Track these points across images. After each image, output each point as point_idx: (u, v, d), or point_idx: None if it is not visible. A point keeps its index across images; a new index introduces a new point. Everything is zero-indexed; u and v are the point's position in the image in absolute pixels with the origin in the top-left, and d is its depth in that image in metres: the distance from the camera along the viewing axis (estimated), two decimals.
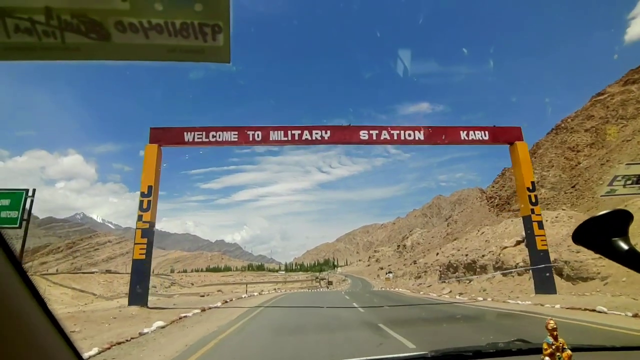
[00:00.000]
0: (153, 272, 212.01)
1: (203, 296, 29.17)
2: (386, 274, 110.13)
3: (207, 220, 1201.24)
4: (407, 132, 17.51)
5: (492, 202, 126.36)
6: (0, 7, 0.87)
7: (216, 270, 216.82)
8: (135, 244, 16.35)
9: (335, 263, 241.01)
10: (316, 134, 16.96)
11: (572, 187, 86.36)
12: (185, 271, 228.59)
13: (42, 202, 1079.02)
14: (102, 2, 0.91)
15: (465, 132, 17.64)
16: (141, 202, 16.84)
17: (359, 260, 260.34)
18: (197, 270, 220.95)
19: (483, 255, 28.35)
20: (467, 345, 1.88)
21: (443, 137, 17.74)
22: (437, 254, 51.38)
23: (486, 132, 17.80)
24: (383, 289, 47.81)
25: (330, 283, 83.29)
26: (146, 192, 17.22)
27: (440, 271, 35.41)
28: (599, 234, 0.75)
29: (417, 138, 17.48)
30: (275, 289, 53.64)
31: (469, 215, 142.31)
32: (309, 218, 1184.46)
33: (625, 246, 0.71)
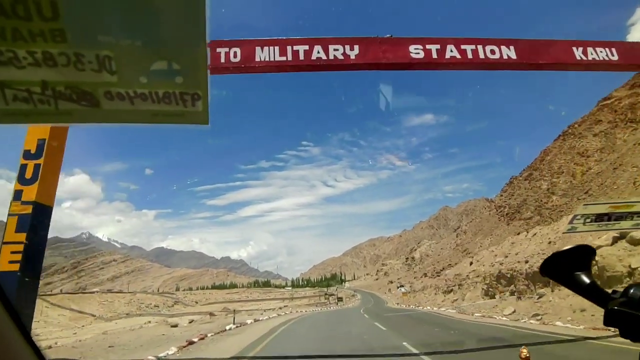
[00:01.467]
0: (157, 290, 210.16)
1: (175, 326, 22.13)
2: (397, 287, 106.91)
3: (212, 237, 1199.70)
4: (488, 48, 10.20)
5: (501, 211, 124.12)
6: (2, 80, 0.98)
7: (221, 287, 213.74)
8: (3, 243, 7.57)
9: (343, 277, 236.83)
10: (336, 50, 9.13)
11: (585, 192, 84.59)
12: (190, 289, 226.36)
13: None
14: (93, 76, 0.97)
15: (580, 48, 9.04)
16: (22, 168, 8.21)
17: (367, 274, 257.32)
18: (202, 288, 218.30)
19: None
20: None
21: (546, 56, 10.44)
22: (471, 263, 44.63)
23: (613, 50, 9.39)
24: (404, 306, 43.84)
25: (340, 299, 79.55)
26: (33, 152, 8.23)
27: (487, 284, 27.43)
28: (564, 267, 0.78)
29: (505, 57, 10.16)
30: (280, 310, 48.46)
31: (478, 225, 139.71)
32: (314, 232, 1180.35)
33: (587, 280, 0.76)
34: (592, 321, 12.32)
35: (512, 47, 10.35)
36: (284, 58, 9.10)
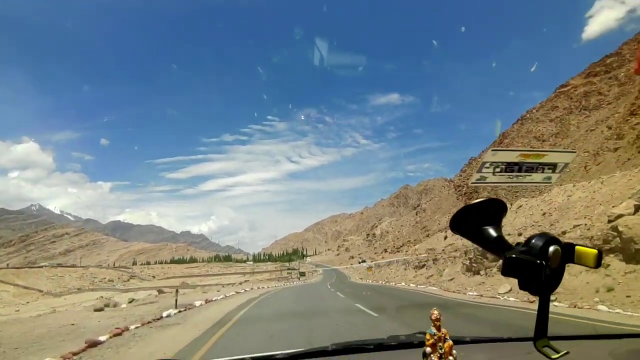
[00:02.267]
0: (113, 265, 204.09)
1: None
2: (359, 262, 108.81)
3: (172, 211, 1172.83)
4: None
5: (460, 190, 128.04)
6: None
7: (181, 262, 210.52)
8: None
9: (305, 253, 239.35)
10: None
11: None
12: (148, 263, 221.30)
13: None
14: None
15: None
16: None
17: (328, 250, 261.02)
18: (160, 263, 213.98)
19: (564, 232, 18.24)
20: (368, 339, 1.89)
21: None
22: (446, 237, 42.11)
23: None
24: (370, 282, 42.55)
25: (302, 274, 78.84)
26: None
27: (469, 259, 24.75)
28: (473, 222, 0.76)
29: None
30: (240, 286, 44.64)
31: (437, 204, 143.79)
32: (277, 208, 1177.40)
33: (494, 233, 0.75)
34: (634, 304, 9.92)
35: None
36: None
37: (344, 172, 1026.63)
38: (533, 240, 0.65)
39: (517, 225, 27.73)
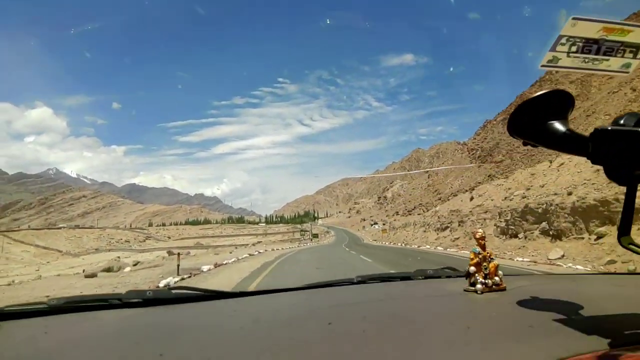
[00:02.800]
0: (129, 226, 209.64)
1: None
2: (371, 224, 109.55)
3: (186, 174, 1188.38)
4: None
5: (473, 154, 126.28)
6: None
7: (195, 223, 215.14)
8: None
9: (316, 215, 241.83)
10: None
11: None
12: (163, 225, 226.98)
13: (10, 158, 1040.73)
14: None
15: None
16: None
17: (339, 212, 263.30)
18: (175, 224, 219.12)
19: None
20: (393, 272, 1.85)
21: None
22: (472, 198, 37.95)
23: None
24: (386, 243, 40.92)
25: (315, 236, 78.44)
26: None
27: (505, 221, 21.98)
28: (535, 118, 0.68)
29: None
30: (253, 247, 44.12)
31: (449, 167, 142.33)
32: (289, 171, 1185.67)
33: (562, 128, 0.66)
34: None
35: None
36: None
37: (356, 135, 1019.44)
38: (622, 120, 0.57)
39: (563, 184, 24.95)
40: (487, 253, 1.26)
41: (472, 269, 1.25)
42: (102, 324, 1.12)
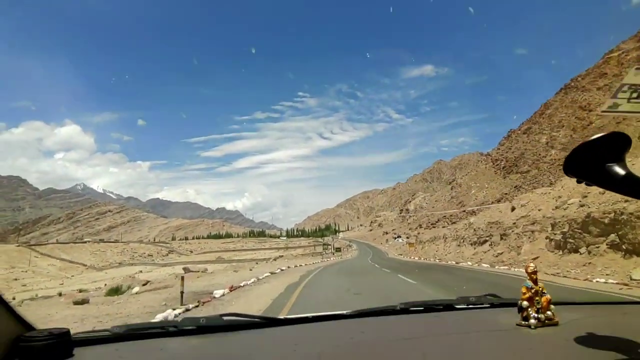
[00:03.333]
0: (153, 240, 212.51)
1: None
2: (394, 238, 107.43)
3: (208, 189, 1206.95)
4: None
5: (498, 164, 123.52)
6: None
7: (217, 237, 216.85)
8: None
9: (337, 228, 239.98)
10: None
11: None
12: (186, 239, 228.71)
13: (41, 174, 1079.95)
14: None
15: None
16: None
17: (360, 225, 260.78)
18: (198, 238, 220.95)
19: None
20: (436, 299, 1.84)
21: None
22: (514, 208, 33.68)
23: None
24: (415, 258, 38.53)
25: (338, 250, 76.74)
26: None
27: (562, 233, 19.10)
28: (592, 160, 0.67)
29: None
30: (275, 263, 42.39)
31: (473, 178, 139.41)
32: (309, 184, 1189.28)
33: (621, 171, 0.64)
34: None
35: None
36: None
37: (376, 148, 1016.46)
38: None
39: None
40: (539, 287, 1.25)
41: (525, 303, 1.23)
42: (164, 351, 1.19)
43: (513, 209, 33.08)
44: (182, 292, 11.08)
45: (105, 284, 31.38)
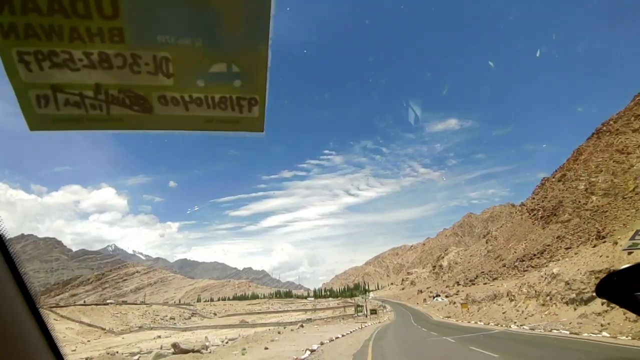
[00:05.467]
0: (179, 302, 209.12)
1: None
2: (433, 297, 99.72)
3: (235, 248, 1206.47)
4: None
5: (534, 214, 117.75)
6: (54, 83, 1.02)
7: (242, 298, 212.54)
8: None
9: (367, 287, 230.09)
10: None
11: (632, 190, 78.94)
12: (212, 300, 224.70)
13: (76, 235, 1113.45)
14: (148, 79, 1.03)
15: None
16: None
17: (391, 284, 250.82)
18: (223, 299, 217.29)
19: None
20: None
21: None
22: (630, 252, 24.37)
23: None
24: (495, 324, 30.19)
25: (374, 312, 67.06)
26: None
27: None
28: (622, 288, 0.66)
29: None
30: (301, 330, 36.18)
31: (510, 230, 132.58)
32: (337, 242, 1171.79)
33: None
34: None
35: None
36: None
37: (404, 203, 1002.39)
38: None
39: None
40: None
41: None
42: None
43: (630, 252, 23.23)
44: None
45: (117, 352, 28.65)
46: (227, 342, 28.17)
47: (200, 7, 1.01)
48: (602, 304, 21.69)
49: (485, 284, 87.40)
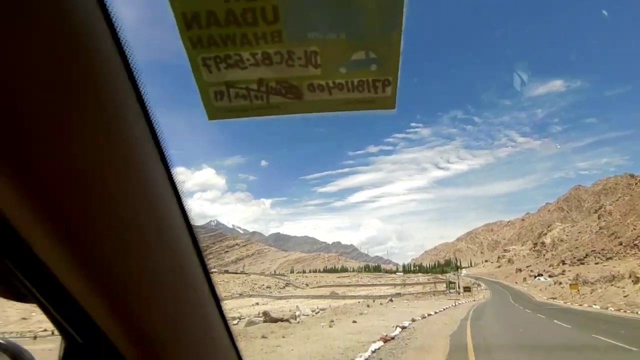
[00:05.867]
0: (274, 272, 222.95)
1: None
2: (535, 277, 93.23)
3: (324, 223, 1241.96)
4: None
5: None
6: (227, 80, 1.21)
7: (332, 270, 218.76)
8: None
9: (458, 264, 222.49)
10: None
11: None
12: (304, 271, 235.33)
13: None
14: (300, 71, 1.06)
15: None
16: None
17: (485, 261, 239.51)
18: (314, 271, 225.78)
19: None
20: None
21: None
22: None
23: None
24: (624, 312, 24.55)
25: (467, 289, 63.80)
26: None
27: None
28: None
29: None
30: (391, 305, 36.02)
31: (628, 204, 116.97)
32: (425, 217, 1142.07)
33: None
34: None
35: None
36: None
37: (499, 176, 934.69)
38: None
39: None
40: None
41: None
42: None
43: None
44: None
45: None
46: (317, 312, 29.25)
47: (344, 5, 1.02)
48: None
49: (597, 263, 78.80)
